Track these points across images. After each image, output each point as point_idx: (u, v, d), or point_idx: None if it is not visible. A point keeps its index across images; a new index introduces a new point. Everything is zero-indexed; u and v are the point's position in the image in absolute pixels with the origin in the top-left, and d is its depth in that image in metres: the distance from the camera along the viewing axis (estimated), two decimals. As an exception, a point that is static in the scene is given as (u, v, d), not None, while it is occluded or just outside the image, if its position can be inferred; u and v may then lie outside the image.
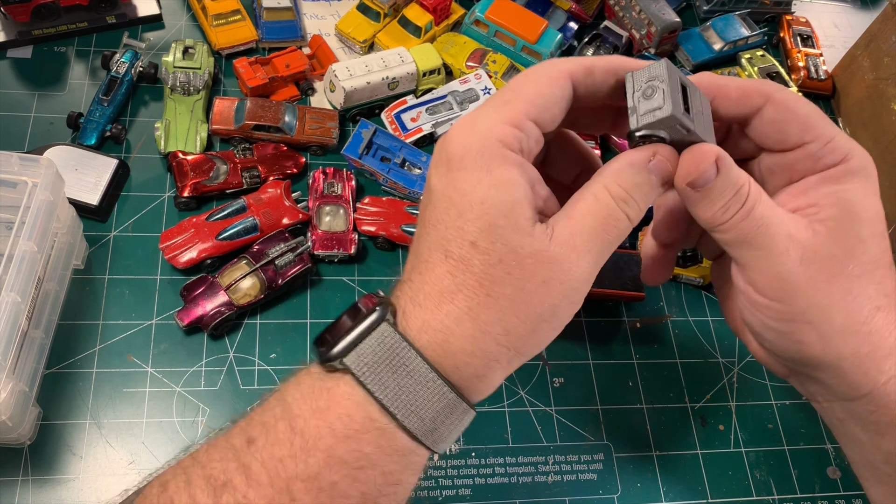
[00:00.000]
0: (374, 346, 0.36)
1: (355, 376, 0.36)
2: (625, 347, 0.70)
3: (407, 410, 0.36)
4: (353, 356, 0.36)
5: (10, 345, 0.51)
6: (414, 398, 0.36)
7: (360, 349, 0.36)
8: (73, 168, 0.68)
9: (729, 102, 0.42)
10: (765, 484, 0.65)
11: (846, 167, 0.42)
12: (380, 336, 0.36)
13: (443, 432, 0.38)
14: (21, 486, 0.56)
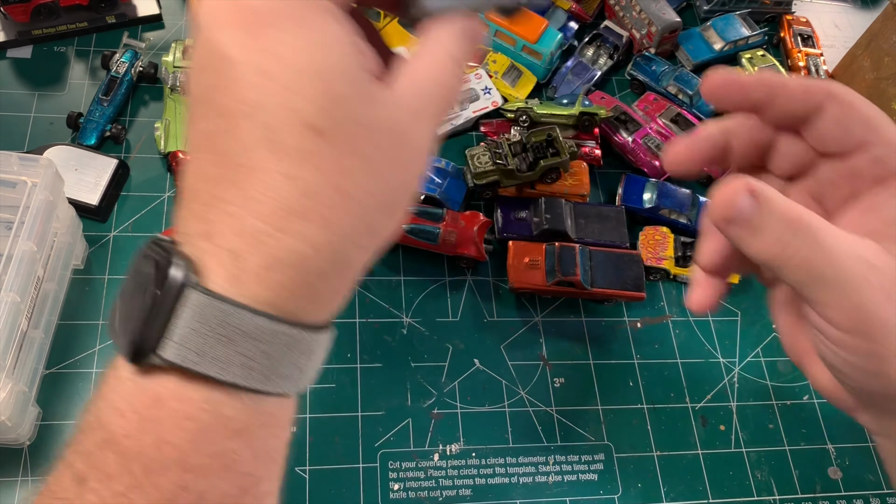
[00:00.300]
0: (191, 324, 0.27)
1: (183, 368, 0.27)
2: (625, 347, 0.70)
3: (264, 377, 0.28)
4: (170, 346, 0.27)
5: (10, 345, 0.51)
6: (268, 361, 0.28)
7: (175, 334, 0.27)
8: (72, 168, 0.68)
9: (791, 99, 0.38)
10: (766, 484, 0.65)
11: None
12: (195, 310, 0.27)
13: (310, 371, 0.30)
14: (21, 486, 0.56)
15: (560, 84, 0.84)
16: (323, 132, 0.26)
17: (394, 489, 0.60)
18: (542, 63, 0.83)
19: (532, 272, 0.68)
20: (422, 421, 0.63)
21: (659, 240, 0.73)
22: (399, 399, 0.64)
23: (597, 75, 0.85)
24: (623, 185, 0.76)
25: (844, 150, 0.38)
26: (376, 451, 0.61)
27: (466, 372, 0.66)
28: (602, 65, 0.86)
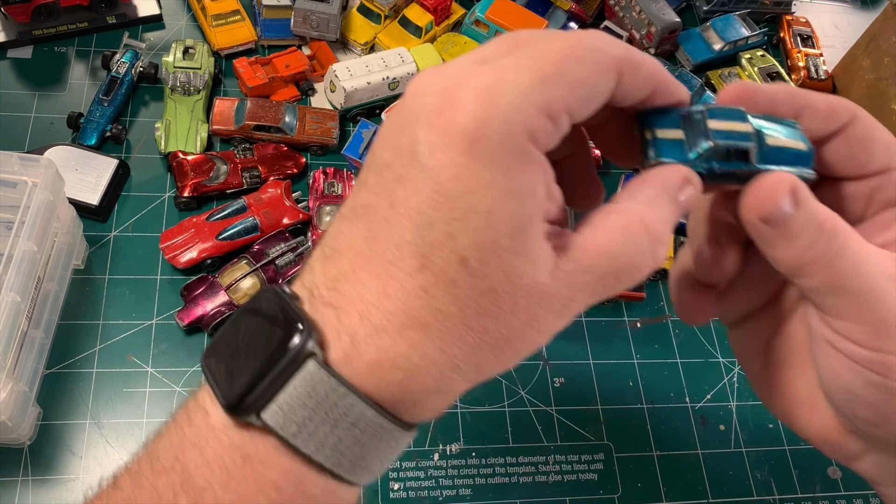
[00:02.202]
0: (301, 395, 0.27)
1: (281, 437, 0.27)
2: (625, 347, 0.70)
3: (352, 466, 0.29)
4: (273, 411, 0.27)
5: (10, 345, 0.51)
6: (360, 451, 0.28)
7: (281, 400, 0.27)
8: (73, 168, 0.68)
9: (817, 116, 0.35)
10: (765, 484, 0.65)
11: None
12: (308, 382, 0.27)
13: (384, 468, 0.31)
14: (21, 486, 0.56)
15: (560, 84, 0.84)
16: (470, 267, 0.27)
17: (394, 489, 0.60)
18: (542, 63, 0.83)
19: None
20: (422, 421, 0.63)
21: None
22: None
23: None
24: (623, 185, 0.77)
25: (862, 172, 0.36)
26: (376, 450, 0.62)
27: (466, 372, 0.66)
28: (602, 65, 0.86)
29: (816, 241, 0.33)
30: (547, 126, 0.28)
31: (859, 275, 0.33)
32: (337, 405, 0.27)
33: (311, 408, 0.27)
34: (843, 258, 0.33)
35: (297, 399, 0.27)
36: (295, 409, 0.27)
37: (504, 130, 0.26)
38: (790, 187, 0.32)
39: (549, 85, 0.27)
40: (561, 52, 0.28)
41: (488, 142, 0.26)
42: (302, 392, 0.27)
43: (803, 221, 0.32)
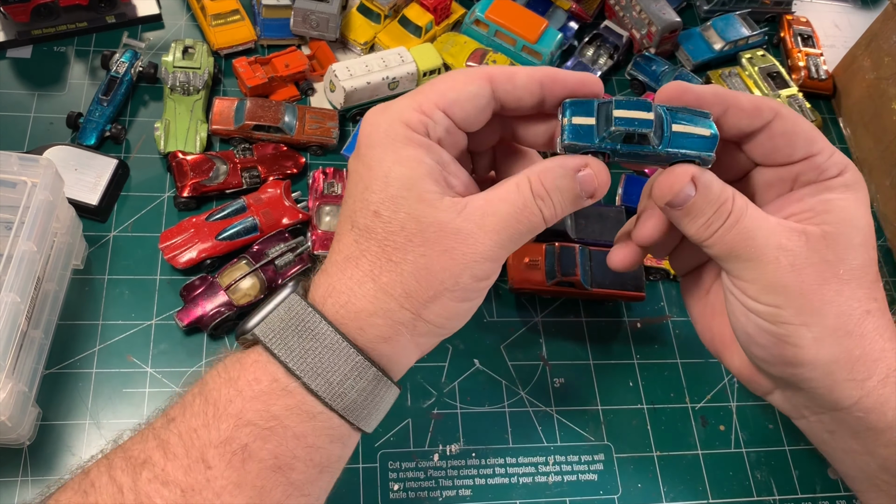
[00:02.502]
0: (281, 314, 0.38)
1: (263, 343, 0.38)
2: (625, 347, 0.70)
3: (312, 372, 0.37)
4: (261, 326, 0.38)
5: (10, 345, 0.51)
6: (320, 361, 0.37)
7: (268, 319, 0.38)
8: (72, 168, 0.68)
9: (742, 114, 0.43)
10: (765, 484, 0.65)
11: (843, 180, 0.44)
12: (287, 306, 0.38)
13: (356, 399, 0.39)
14: (21, 487, 0.56)
15: (560, 84, 0.84)
16: (382, 216, 0.38)
17: (394, 489, 0.60)
18: (542, 63, 0.83)
19: (532, 272, 0.68)
20: (422, 421, 0.63)
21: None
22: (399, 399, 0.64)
23: (597, 75, 0.85)
24: (623, 185, 0.76)
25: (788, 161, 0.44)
26: (376, 451, 0.61)
27: (466, 372, 0.66)
28: (602, 65, 0.86)
29: (714, 219, 0.41)
30: (421, 118, 0.39)
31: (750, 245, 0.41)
32: (304, 321, 0.38)
33: (287, 323, 0.38)
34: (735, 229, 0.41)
35: (278, 318, 0.38)
36: (275, 323, 0.38)
37: (387, 124, 0.39)
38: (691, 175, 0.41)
39: (419, 94, 0.40)
40: (441, 76, 0.41)
41: (379, 133, 0.39)
42: (283, 314, 0.38)
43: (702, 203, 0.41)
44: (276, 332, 0.38)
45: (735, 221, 0.41)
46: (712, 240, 0.42)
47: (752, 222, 0.42)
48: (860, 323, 0.42)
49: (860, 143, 0.86)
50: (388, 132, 0.39)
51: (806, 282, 0.41)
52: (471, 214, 0.38)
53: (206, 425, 0.37)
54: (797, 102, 0.86)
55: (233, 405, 0.37)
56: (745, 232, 0.41)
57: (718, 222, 0.42)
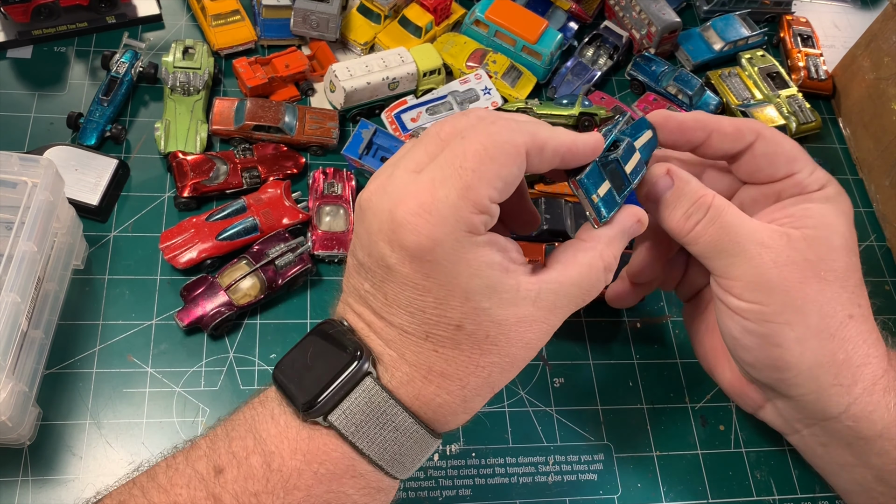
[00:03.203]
0: (360, 404, 0.36)
1: (343, 434, 0.37)
2: (625, 347, 0.70)
3: (392, 460, 0.38)
4: (339, 414, 0.36)
5: (10, 345, 0.51)
6: (399, 449, 0.38)
7: (346, 406, 0.36)
8: (73, 168, 0.68)
9: (725, 138, 0.45)
10: (765, 484, 0.65)
11: (823, 193, 0.46)
12: (366, 394, 0.36)
13: (417, 466, 0.40)
14: (21, 487, 0.56)
15: (560, 84, 0.84)
16: (466, 329, 0.37)
17: (394, 489, 0.60)
18: (541, 63, 0.83)
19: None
20: (422, 421, 0.63)
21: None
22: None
23: (597, 76, 0.85)
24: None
25: (770, 179, 0.46)
26: (376, 451, 0.61)
27: (466, 372, 0.66)
28: (602, 65, 0.86)
29: (692, 211, 0.43)
30: (479, 219, 0.36)
31: (732, 240, 0.42)
32: (385, 413, 0.37)
33: (368, 414, 0.36)
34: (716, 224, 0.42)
35: (356, 406, 0.36)
36: (354, 413, 0.36)
37: (451, 238, 0.35)
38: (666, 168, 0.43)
39: (472, 191, 0.36)
40: (476, 157, 0.36)
41: (443, 248, 0.35)
42: (361, 401, 0.36)
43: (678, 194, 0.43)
44: (357, 425, 0.36)
45: (716, 216, 0.43)
46: (695, 232, 0.43)
47: (734, 219, 0.43)
48: (843, 326, 0.43)
49: (860, 144, 0.86)
50: (454, 246, 0.36)
51: (788, 279, 0.42)
52: (545, 302, 0.39)
53: (269, 492, 0.35)
54: (796, 103, 0.86)
55: (302, 479, 0.36)
56: (727, 226, 0.43)
57: (698, 215, 0.43)
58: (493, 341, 0.38)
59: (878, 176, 0.83)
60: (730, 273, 0.43)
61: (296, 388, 0.37)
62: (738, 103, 0.85)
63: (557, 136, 0.39)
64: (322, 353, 0.37)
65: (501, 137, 0.37)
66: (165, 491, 0.36)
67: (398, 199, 0.36)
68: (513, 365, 0.39)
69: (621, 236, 0.42)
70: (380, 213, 0.36)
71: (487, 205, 0.36)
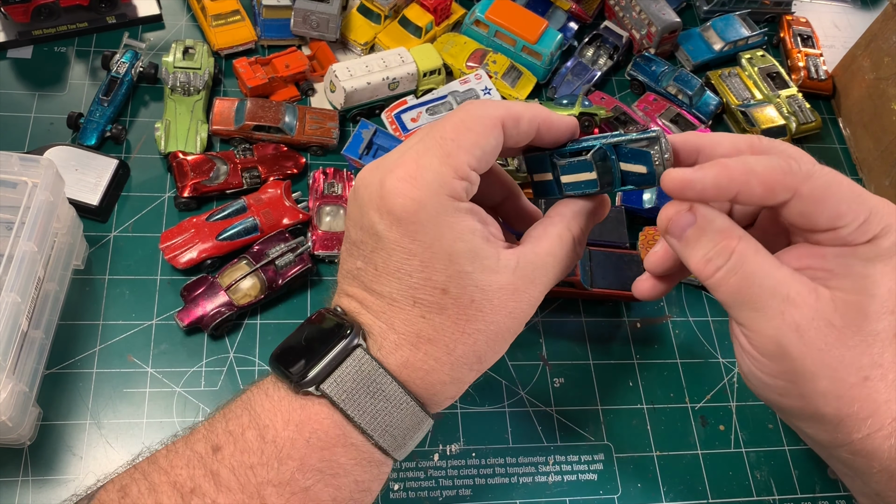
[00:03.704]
0: (351, 373, 0.38)
1: (334, 402, 0.38)
2: (625, 347, 0.70)
3: (383, 430, 0.39)
4: (331, 383, 0.38)
5: (10, 345, 0.51)
6: (389, 419, 0.39)
7: (337, 375, 0.38)
8: (73, 168, 0.68)
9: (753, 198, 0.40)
10: (765, 484, 0.65)
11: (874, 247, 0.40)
12: (358, 365, 0.38)
13: (409, 444, 0.41)
14: (21, 487, 0.56)
15: (560, 84, 0.84)
16: (449, 292, 0.38)
17: (394, 489, 0.60)
18: (541, 63, 0.83)
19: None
20: (422, 421, 0.63)
21: (659, 240, 0.73)
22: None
23: (597, 76, 0.85)
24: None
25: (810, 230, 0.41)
26: (376, 451, 0.61)
27: (466, 372, 0.66)
28: (602, 65, 0.86)
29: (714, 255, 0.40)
30: (460, 184, 0.39)
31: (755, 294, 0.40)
32: (375, 381, 0.38)
33: (358, 382, 0.38)
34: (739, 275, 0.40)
35: (349, 377, 0.38)
36: (345, 382, 0.38)
37: (434, 200, 0.38)
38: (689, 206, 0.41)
39: (452, 157, 0.39)
40: (454, 128, 0.39)
41: (427, 211, 0.38)
42: (352, 370, 0.38)
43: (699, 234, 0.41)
44: (348, 392, 0.38)
45: (739, 264, 0.40)
46: (715, 279, 0.40)
47: (760, 269, 0.39)
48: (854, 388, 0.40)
49: (859, 144, 0.86)
50: (438, 208, 0.38)
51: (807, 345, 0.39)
52: (524, 271, 0.40)
53: (263, 464, 0.37)
54: (796, 103, 0.86)
55: (296, 449, 0.37)
56: (749, 278, 0.39)
57: (719, 260, 0.40)
58: (478, 307, 0.39)
59: (878, 176, 0.83)
60: (749, 325, 0.41)
61: (290, 365, 0.39)
62: (738, 103, 0.85)
63: (532, 109, 0.42)
64: (315, 335, 0.39)
65: (477, 112, 0.40)
66: (166, 472, 0.37)
67: (387, 171, 0.39)
68: (498, 335, 0.40)
69: (584, 213, 0.44)
70: (370, 186, 0.39)
71: (467, 171, 0.39)
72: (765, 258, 0.40)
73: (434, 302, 0.39)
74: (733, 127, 0.86)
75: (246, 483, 0.36)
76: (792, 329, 0.39)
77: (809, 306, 0.39)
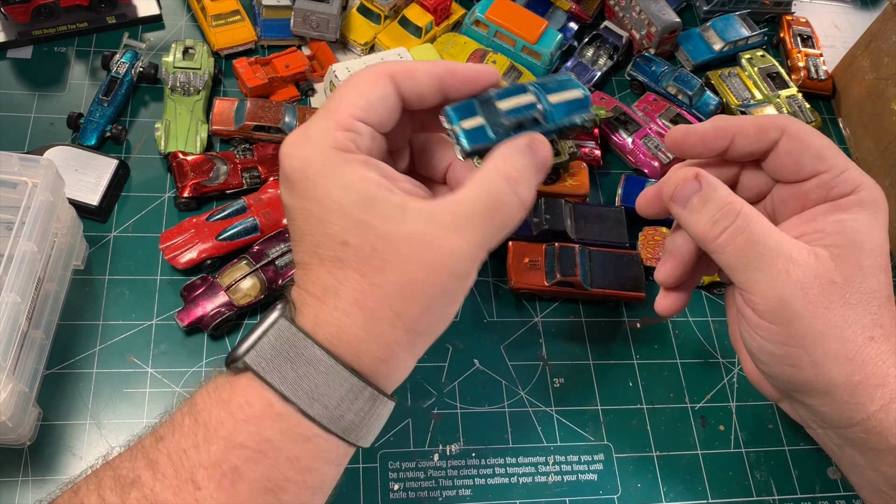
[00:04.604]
0: (272, 341, 0.37)
1: (255, 371, 0.37)
2: (625, 347, 0.70)
3: (308, 397, 0.37)
4: (252, 353, 0.37)
5: (10, 345, 0.51)
6: (314, 385, 0.37)
7: (259, 346, 0.37)
8: (73, 168, 0.68)
9: (748, 139, 0.44)
10: (765, 484, 0.65)
11: (857, 198, 0.43)
12: (277, 332, 0.37)
13: (353, 419, 0.38)
14: (21, 487, 0.56)
15: (560, 84, 0.84)
16: (349, 244, 0.37)
17: (394, 489, 0.60)
18: (541, 64, 0.83)
19: (532, 272, 0.68)
20: (422, 421, 0.63)
21: (658, 240, 0.73)
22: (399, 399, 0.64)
23: (596, 76, 0.85)
24: (623, 185, 0.77)
25: (797, 178, 0.44)
26: (376, 451, 0.62)
27: (466, 372, 0.66)
28: (602, 65, 0.86)
29: (720, 218, 0.42)
30: (345, 135, 0.38)
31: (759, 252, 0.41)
32: (295, 346, 0.37)
33: (278, 349, 0.37)
34: (744, 234, 0.41)
35: (269, 345, 0.37)
36: (266, 350, 0.37)
37: (319, 153, 0.37)
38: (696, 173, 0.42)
39: (332, 111, 0.39)
40: (339, 89, 0.40)
41: (313, 166, 0.37)
42: (273, 340, 0.37)
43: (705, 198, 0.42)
44: (267, 359, 0.37)
45: (744, 225, 0.41)
46: (721, 240, 0.42)
47: (762, 229, 0.42)
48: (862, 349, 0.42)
49: (860, 144, 0.86)
50: (323, 161, 0.37)
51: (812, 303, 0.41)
52: (442, 220, 0.37)
53: (195, 446, 0.36)
54: (796, 103, 0.86)
55: (224, 427, 0.36)
56: (754, 237, 0.41)
57: (725, 221, 0.42)
58: (383, 257, 0.36)
59: (878, 176, 0.83)
60: (754, 288, 0.42)
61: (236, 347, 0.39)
62: (738, 103, 0.85)
63: (434, 62, 0.41)
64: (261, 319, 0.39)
65: (364, 71, 0.40)
66: (112, 468, 0.37)
67: (284, 142, 0.39)
68: (415, 287, 0.37)
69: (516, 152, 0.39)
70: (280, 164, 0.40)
71: (350, 121, 0.38)
72: (766, 221, 0.42)
73: (336, 256, 0.37)
74: (733, 127, 0.86)
75: (179, 467, 0.36)
76: (797, 288, 0.41)
77: (811, 265, 0.41)
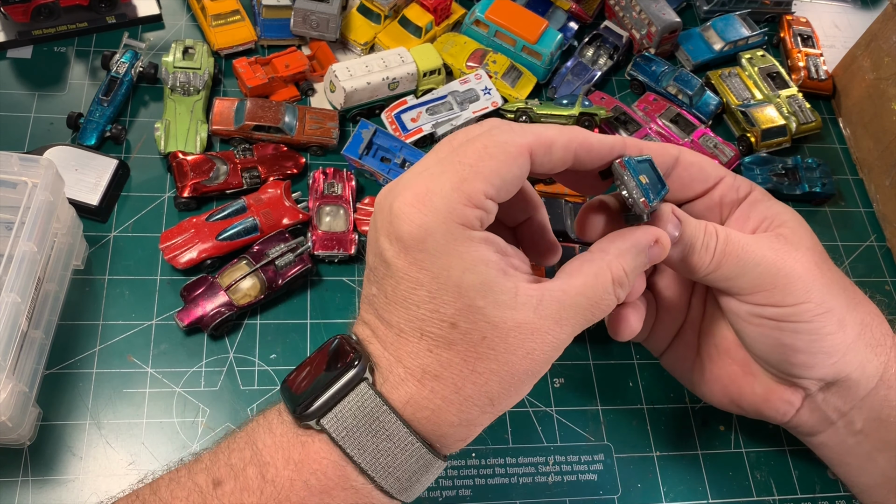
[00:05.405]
0: (353, 408, 0.36)
1: (333, 438, 0.36)
2: (625, 347, 0.70)
3: (385, 472, 0.36)
4: (331, 418, 0.36)
5: (10, 345, 0.51)
6: (392, 461, 0.36)
7: (338, 410, 0.36)
8: (73, 168, 0.68)
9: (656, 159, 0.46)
10: (765, 485, 0.65)
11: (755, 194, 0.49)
12: (359, 399, 0.36)
13: (417, 487, 0.38)
14: (21, 487, 0.56)
15: (560, 84, 0.84)
16: (458, 326, 0.36)
17: (394, 489, 0.60)
18: (542, 63, 0.83)
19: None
20: (422, 421, 0.63)
21: None
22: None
23: (597, 76, 0.85)
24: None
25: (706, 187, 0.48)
26: (376, 451, 0.61)
27: (466, 372, 0.66)
28: (602, 65, 0.86)
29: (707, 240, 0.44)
30: (474, 213, 0.36)
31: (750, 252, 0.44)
32: (378, 420, 0.35)
33: (360, 419, 0.35)
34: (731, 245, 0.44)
35: (349, 411, 0.36)
36: (346, 418, 0.36)
37: (443, 227, 0.35)
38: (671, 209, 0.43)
39: (466, 183, 0.36)
40: (475, 153, 0.37)
41: (434, 238, 0.35)
42: (353, 406, 0.36)
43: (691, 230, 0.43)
44: (348, 429, 0.35)
45: (726, 238, 0.44)
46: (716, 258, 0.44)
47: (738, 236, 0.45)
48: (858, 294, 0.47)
49: (860, 144, 0.86)
50: (446, 237, 0.35)
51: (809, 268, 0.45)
52: (548, 310, 0.37)
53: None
54: (797, 103, 0.86)
55: (295, 493, 0.35)
56: (739, 243, 0.44)
57: (713, 241, 0.44)
58: (490, 345, 0.36)
59: (878, 176, 0.83)
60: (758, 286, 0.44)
61: (294, 395, 0.37)
62: (738, 103, 0.85)
63: (568, 133, 0.39)
64: (325, 363, 0.37)
65: (503, 137, 0.37)
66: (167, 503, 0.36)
67: (398, 193, 0.37)
68: (513, 377, 0.37)
69: (633, 251, 0.40)
70: (383, 210, 0.37)
71: (482, 199, 0.36)
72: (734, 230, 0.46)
73: (442, 336, 0.36)
74: (733, 127, 0.86)
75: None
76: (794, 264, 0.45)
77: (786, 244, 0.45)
